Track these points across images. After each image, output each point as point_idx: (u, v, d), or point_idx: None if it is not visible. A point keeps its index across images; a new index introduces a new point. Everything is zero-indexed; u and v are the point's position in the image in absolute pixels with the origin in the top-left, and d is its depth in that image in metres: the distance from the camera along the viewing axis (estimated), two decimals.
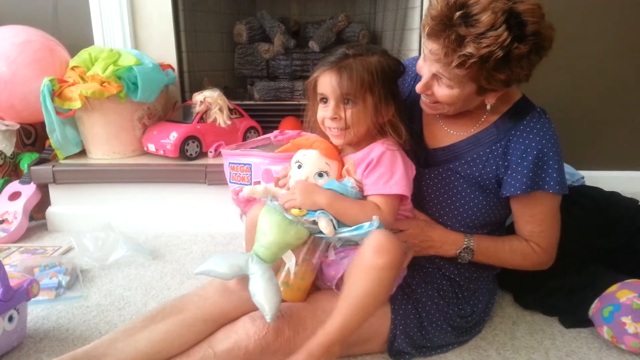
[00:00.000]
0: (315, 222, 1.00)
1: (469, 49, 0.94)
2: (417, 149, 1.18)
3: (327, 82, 1.04)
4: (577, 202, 1.36)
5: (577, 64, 2.18)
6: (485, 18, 0.92)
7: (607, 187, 1.50)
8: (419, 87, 1.09)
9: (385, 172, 1.03)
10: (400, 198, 1.06)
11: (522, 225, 1.15)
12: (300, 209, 1.02)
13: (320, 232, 1.00)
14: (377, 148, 1.05)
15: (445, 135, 1.18)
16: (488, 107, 1.09)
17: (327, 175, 1.06)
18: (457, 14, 0.94)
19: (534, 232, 1.14)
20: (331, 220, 1.00)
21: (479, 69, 0.97)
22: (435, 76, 1.05)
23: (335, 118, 1.05)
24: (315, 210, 1.01)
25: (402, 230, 1.12)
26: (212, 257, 1.04)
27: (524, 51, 0.95)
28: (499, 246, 1.16)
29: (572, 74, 2.18)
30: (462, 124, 1.17)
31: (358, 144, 1.09)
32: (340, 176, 1.07)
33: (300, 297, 1.07)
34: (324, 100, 1.07)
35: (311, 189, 1.03)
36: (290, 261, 1.02)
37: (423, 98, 1.13)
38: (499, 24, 0.92)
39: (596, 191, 1.45)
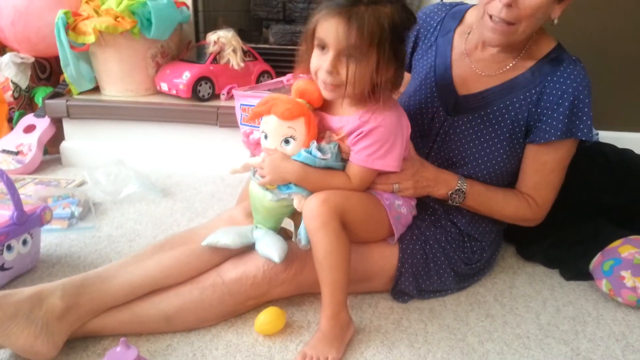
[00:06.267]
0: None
1: None
2: (445, 96, 1.17)
3: (332, 28, 0.92)
4: (589, 157, 1.34)
5: (598, 26, 2.10)
6: None
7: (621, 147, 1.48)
8: (505, 1, 0.97)
9: (371, 144, 0.99)
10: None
11: (529, 175, 1.15)
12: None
13: None
14: (371, 121, 0.98)
15: (477, 81, 1.16)
16: (555, 21, 1.06)
17: (294, 139, 0.99)
18: None
19: (539, 184, 1.14)
20: (303, 196, 1.01)
21: None
22: None
23: (333, 72, 0.94)
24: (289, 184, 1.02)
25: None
26: (219, 229, 1.08)
27: None
28: (492, 194, 1.15)
29: (591, 37, 2.11)
30: (496, 68, 1.14)
31: (349, 101, 1.02)
32: (310, 131, 1.00)
33: None
34: (323, 47, 0.95)
35: (278, 165, 1.00)
36: (292, 225, 1.08)
37: (489, 32, 1.05)
38: None
39: (609, 147, 1.43)
